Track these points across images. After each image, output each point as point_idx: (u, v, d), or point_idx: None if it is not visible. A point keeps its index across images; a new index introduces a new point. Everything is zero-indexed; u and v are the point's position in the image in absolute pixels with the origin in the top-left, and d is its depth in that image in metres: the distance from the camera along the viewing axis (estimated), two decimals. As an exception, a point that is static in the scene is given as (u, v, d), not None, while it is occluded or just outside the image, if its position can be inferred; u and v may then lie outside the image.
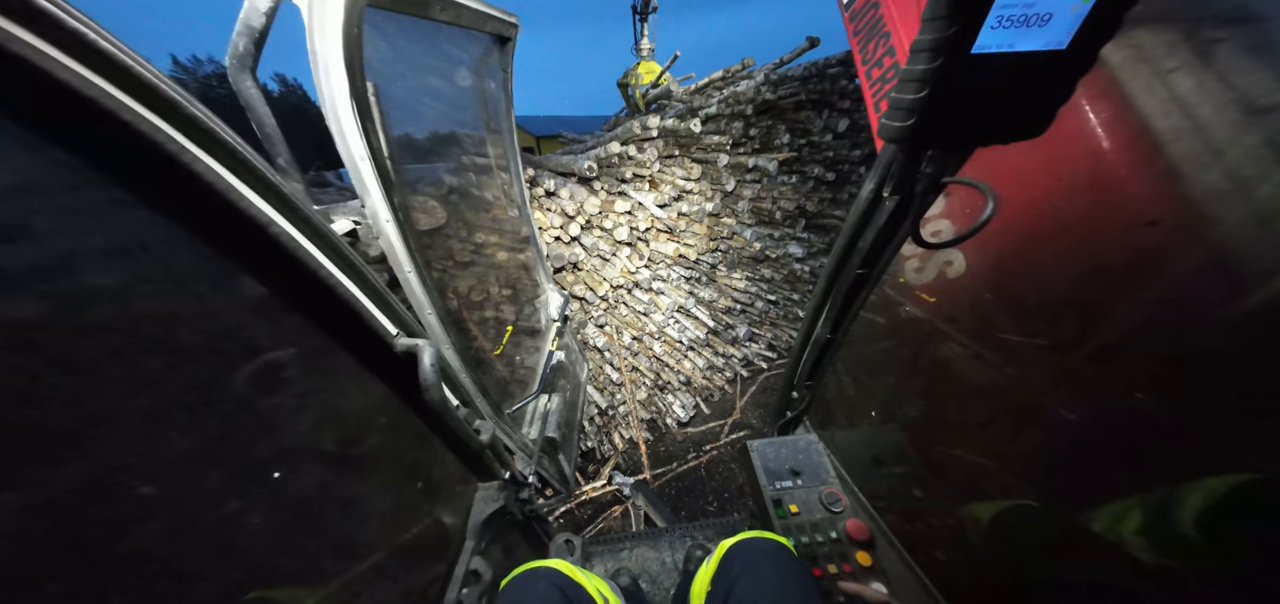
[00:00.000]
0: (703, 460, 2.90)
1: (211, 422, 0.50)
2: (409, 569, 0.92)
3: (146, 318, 0.45)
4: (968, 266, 0.77)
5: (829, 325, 0.97)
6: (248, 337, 0.54)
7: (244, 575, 0.53)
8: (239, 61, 0.56)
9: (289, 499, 0.61)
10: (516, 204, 1.67)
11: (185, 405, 0.47)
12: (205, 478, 0.50)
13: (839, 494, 1.06)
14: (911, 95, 0.42)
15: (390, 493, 0.88)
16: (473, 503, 1.18)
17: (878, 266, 0.83)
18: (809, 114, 3.49)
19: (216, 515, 0.51)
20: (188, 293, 0.48)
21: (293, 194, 0.54)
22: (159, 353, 0.45)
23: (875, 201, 0.68)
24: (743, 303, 3.54)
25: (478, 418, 1.11)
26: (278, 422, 0.59)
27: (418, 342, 0.73)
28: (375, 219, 0.76)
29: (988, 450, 0.80)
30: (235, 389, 0.52)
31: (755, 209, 3.43)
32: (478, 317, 1.35)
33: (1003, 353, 0.74)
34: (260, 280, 0.54)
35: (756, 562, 0.77)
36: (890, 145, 0.56)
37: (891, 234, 0.72)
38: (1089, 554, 0.61)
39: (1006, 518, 0.76)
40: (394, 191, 0.77)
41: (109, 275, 0.42)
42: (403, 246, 0.81)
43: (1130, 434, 0.57)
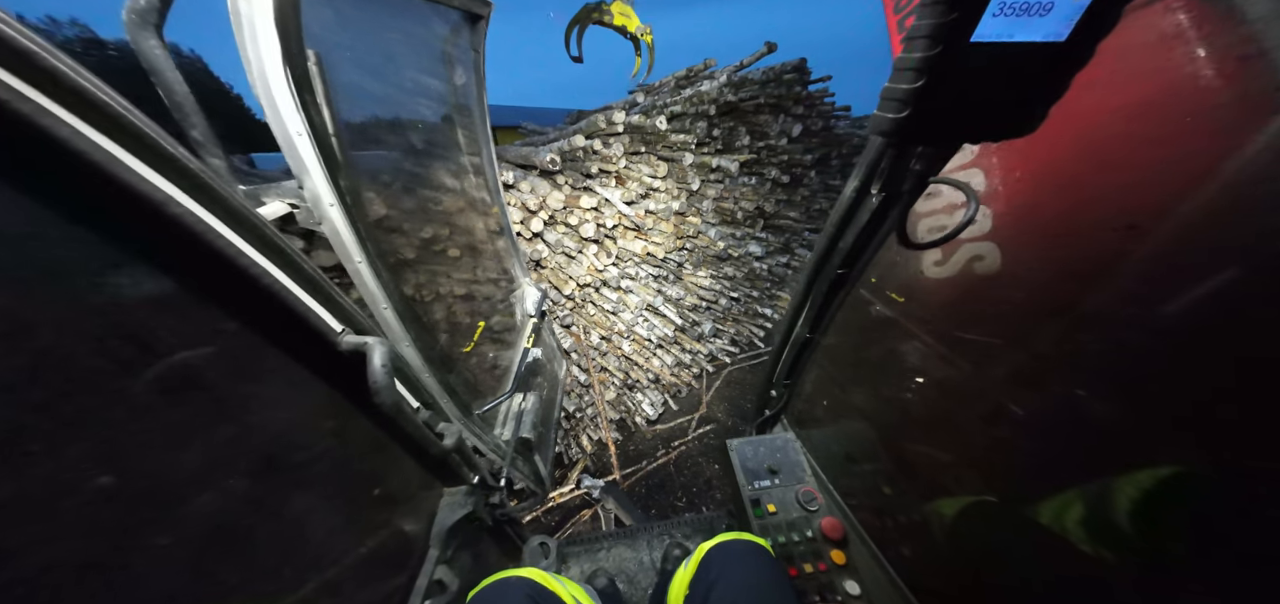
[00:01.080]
0: (672, 457, 2.93)
1: (92, 433, 0.43)
2: (364, 584, 0.85)
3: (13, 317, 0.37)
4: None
5: (808, 324, 0.97)
6: (147, 337, 0.46)
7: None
8: (140, 16, 0.48)
9: (204, 517, 0.54)
10: (489, 192, 1.59)
11: (51, 415, 0.40)
12: (83, 499, 0.42)
13: (815, 493, 1.06)
14: (906, 85, 0.40)
15: (339, 504, 0.81)
16: (437, 509, 1.11)
17: (858, 266, 0.82)
18: (767, 117, 3.63)
19: (100, 540, 0.44)
20: (56, 285, 0.40)
21: (202, 171, 0.46)
22: (14, 354, 0.37)
23: (858, 200, 0.67)
24: (707, 300, 3.61)
25: (442, 420, 1.04)
26: (190, 431, 0.51)
27: (366, 340, 0.66)
28: (316, 203, 0.68)
29: (951, 447, 0.82)
30: (129, 396, 0.45)
31: (718, 209, 3.52)
32: (445, 312, 1.28)
33: (963, 351, 0.75)
34: (163, 271, 0.47)
35: (734, 564, 0.77)
36: (878, 140, 0.54)
37: (873, 233, 0.71)
38: (1041, 548, 0.63)
39: (969, 513, 0.78)
40: (340, 173, 0.69)
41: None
42: (351, 234, 0.73)
43: (1072, 430, 0.58)
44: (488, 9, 1.31)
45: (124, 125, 0.39)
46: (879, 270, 0.87)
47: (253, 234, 0.50)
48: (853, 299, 0.92)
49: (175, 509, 0.50)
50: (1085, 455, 0.57)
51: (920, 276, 0.81)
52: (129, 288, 0.45)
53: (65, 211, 0.39)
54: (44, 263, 0.39)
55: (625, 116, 2.89)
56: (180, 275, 0.48)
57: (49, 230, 0.39)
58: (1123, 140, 0.54)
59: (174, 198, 0.42)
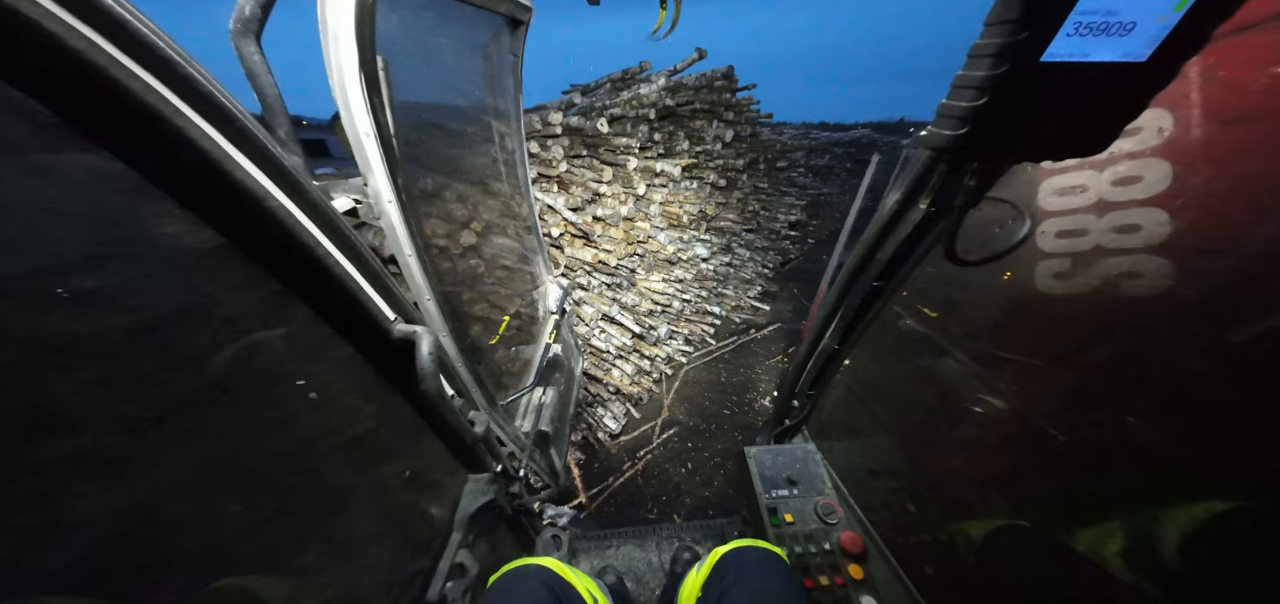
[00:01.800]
0: (639, 467, 2.86)
1: (188, 400, 0.47)
2: (392, 561, 0.89)
3: (123, 287, 0.42)
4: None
5: (837, 336, 0.96)
6: (234, 315, 0.51)
7: (214, 561, 0.50)
8: (244, 25, 0.53)
9: (268, 485, 0.58)
10: (521, 191, 1.64)
11: (160, 381, 0.44)
12: (177, 457, 0.47)
13: (834, 505, 1.06)
14: (966, 103, 0.40)
15: (376, 482, 0.85)
16: (461, 495, 1.15)
17: (895, 279, 0.82)
18: (702, 123, 3.65)
19: (189, 496, 0.48)
20: (171, 266, 0.45)
21: (293, 167, 0.51)
22: (135, 326, 0.42)
23: (901, 213, 0.66)
24: (661, 304, 3.58)
25: (472, 409, 1.08)
26: (260, 405, 0.56)
27: (416, 329, 0.70)
28: (377, 199, 0.73)
29: (982, 468, 0.81)
30: (215, 369, 0.49)
31: (665, 213, 3.50)
32: (476, 305, 1.33)
33: (1002, 370, 0.74)
34: (255, 258, 0.51)
35: (750, 570, 0.77)
36: (929, 154, 0.53)
37: (914, 246, 0.71)
38: (1077, 576, 0.61)
39: (1000, 537, 0.76)
40: (398, 172, 0.74)
41: (82, 244, 0.39)
42: (404, 229, 0.78)
43: (1119, 458, 0.57)
44: (529, 13, 1.35)
45: (231, 119, 0.43)
46: (912, 285, 0.86)
47: (329, 226, 0.55)
48: (886, 314, 0.92)
49: (247, 477, 0.55)
50: (1131, 485, 0.56)
51: (963, 290, 0.80)
52: (220, 270, 0.50)
53: (179, 196, 0.44)
54: (156, 241, 0.44)
55: (563, 118, 2.80)
56: (268, 262, 0.52)
57: (169, 217, 0.44)
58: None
59: (271, 191, 0.47)
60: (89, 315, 0.39)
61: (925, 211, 0.62)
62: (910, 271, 0.79)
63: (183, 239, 0.46)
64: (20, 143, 0.35)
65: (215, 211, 0.46)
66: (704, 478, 2.79)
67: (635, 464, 2.87)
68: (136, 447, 0.43)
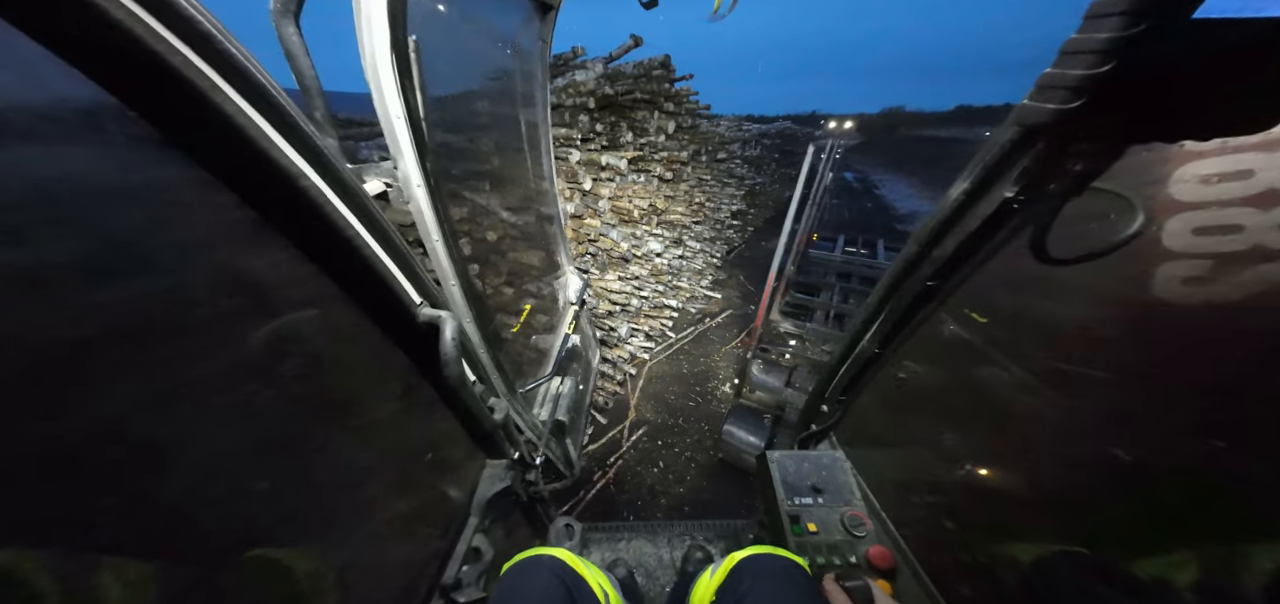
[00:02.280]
0: (610, 474, 2.78)
1: (224, 377, 0.48)
2: (410, 541, 0.91)
3: (163, 263, 0.43)
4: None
5: (878, 339, 0.90)
6: (269, 294, 0.52)
7: (241, 534, 0.52)
8: (283, 6, 0.53)
9: (296, 463, 0.59)
10: (546, 180, 1.63)
11: (201, 357, 0.45)
12: (214, 433, 0.48)
13: (863, 518, 1.01)
14: (1083, 70, 0.33)
15: (399, 463, 0.87)
16: (479, 480, 1.17)
17: (955, 279, 0.74)
18: (644, 113, 3.49)
19: (225, 471, 0.49)
20: (209, 243, 0.46)
21: (328, 150, 0.51)
22: (172, 300, 0.43)
23: (968, 204, 0.58)
24: (620, 303, 3.46)
25: (492, 395, 1.09)
26: (290, 382, 0.57)
27: (441, 313, 0.70)
28: (407, 183, 0.73)
29: (1034, 487, 0.74)
30: (251, 348, 0.50)
31: (615, 208, 3.34)
32: (498, 293, 1.33)
33: (1060, 383, 0.67)
34: (290, 239, 0.52)
35: (768, 581, 0.74)
36: (1015, 132, 0.44)
37: (985, 241, 0.62)
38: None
39: (1051, 563, 0.70)
40: (427, 156, 0.73)
41: (128, 217, 0.40)
42: (432, 214, 0.78)
43: (1199, 482, 0.50)
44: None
45: (270, 100, 0.43)
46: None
47: (361, 209, 0.55)
48: (930, 318, 0.85)
49: (276, 455, 0.56)
50: (1215, 515, 0.50)
51: (1025, 297, 0.71)
52: (257, 249, 0.50)
53: (220, 174, 0.45)
54: (197, 217, 0.45)
55: (496, 107, 2.78)
56: (302, 243, 0.52)
57: (212, 195, 0.44)
58: None
59: (306, 172, 0.46)
60: (127, 294, 0.40)
61: (1010, 200, 0.53)
62: (975, 270, 0.71)
63: (222, 217, 0.47)
64: (69, 120, 0.35)
65: (253, 190, 0.47)
66: (677, 475, 2.72)
67: (606, 472, 2.80)
68: (176, 422, 0.44)
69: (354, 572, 0.71)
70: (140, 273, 0.41)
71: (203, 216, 0.45)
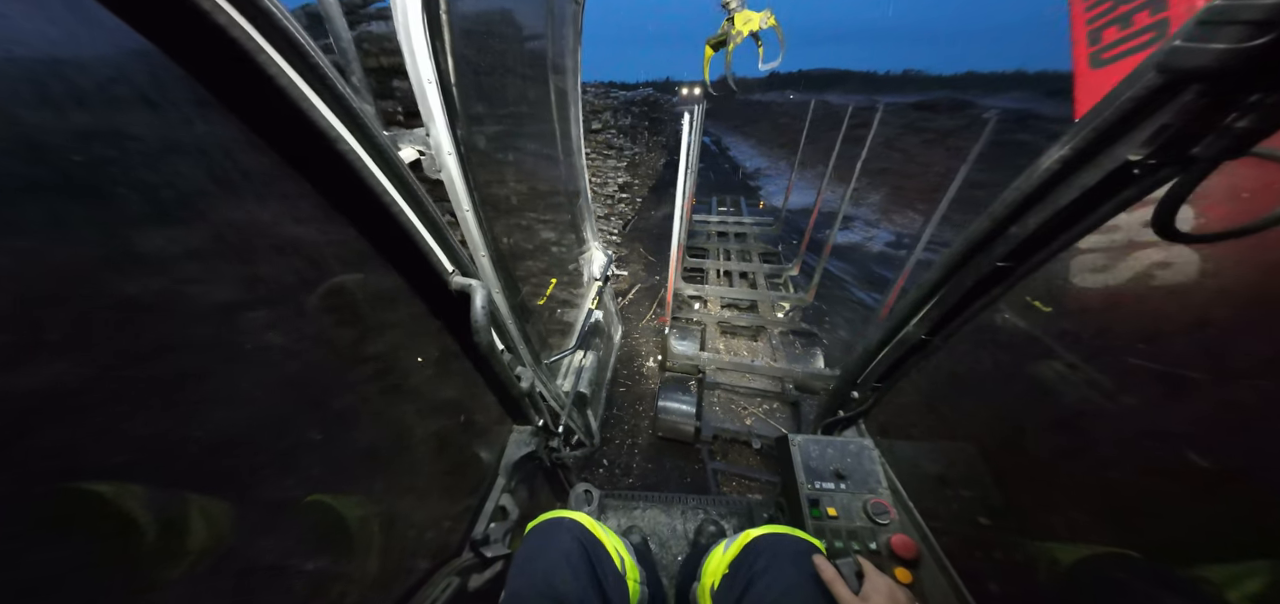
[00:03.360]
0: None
1: (284, 336, 0.51)
2: (445, 497, 0.98)
3: (225, 222, 0.45)
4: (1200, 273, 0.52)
5: (927, 325, 0.83)
6: (318, 256, 0.54)
7: (303, 480, 0.57)
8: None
9: (343, 416, 0.64)
10: (574, 151, 1.61)
11: (264, 310, 0.48)
12: (275, 385, 0.52)
13: (887, 506, 0.98)
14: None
15: (434, 423, 0.92)
16: (506, 444, 1.23)
17: (1034, 260, 0.63)
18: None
19: (289, 423, 0.54)
20: (265, 204, 0.48)
21: (364, 115, 0.52)
22: (235, 261, 0.46)
23: (1068, 173, 0.49)
24: None
25: (519, 364, 1.12)
26: (339, 343, 0.60)
27: (472, 282, 0.71)
28: (438, 151, 0.73)
29: (1087, 489, 0.69)
30: (307, 309, 0.53)
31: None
32: (526, 264, 1.35)
33: (1124, 379, 0.60)
34: (328, 199, 0.53)
35: (785, 561, 0.73)
36: (1166, 79, 0.36)
37: (1084, 215, 0.52)
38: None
39: (1095, 565, 0.66)
40: (458, 123, 0.73)
41: (186, 177, 0.42)
42: (463, 182, 0.78)
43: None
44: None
45: (308, 62, 0.43)
46: (1073, 269, 0.66)
47: (398, 178, 0.55)
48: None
49: (324, 404, 0.60)
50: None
51: (1152, 281, 0.62)
52: (305, 215, 0.52)
53: (265, 135, 0.46)
54: (253, 178, 0.47)
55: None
56: (344, 207, 0.54)
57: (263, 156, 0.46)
58: None
59: (344, 135, 0.47)
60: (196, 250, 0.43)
61: (1131, 165, 0.43)
62: (1063, 248, 0.60)
63: (273, 179, 0.49)
64: (135, 79, 0.37)
65: (296, 151, 0.48)
66: (623, 467, 2.69)
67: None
68: (245, 374, 0.48)
69: (397, 521, 0.77)
70: (199, 226, 0.43)
71: (256, 181, 0.47)
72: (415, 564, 0.83)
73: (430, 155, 0.74)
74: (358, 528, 0.67)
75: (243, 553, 0.47)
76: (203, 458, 0.44)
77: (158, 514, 0.40)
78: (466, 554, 0.98)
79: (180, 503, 0.42)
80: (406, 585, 0.79)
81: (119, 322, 0.37)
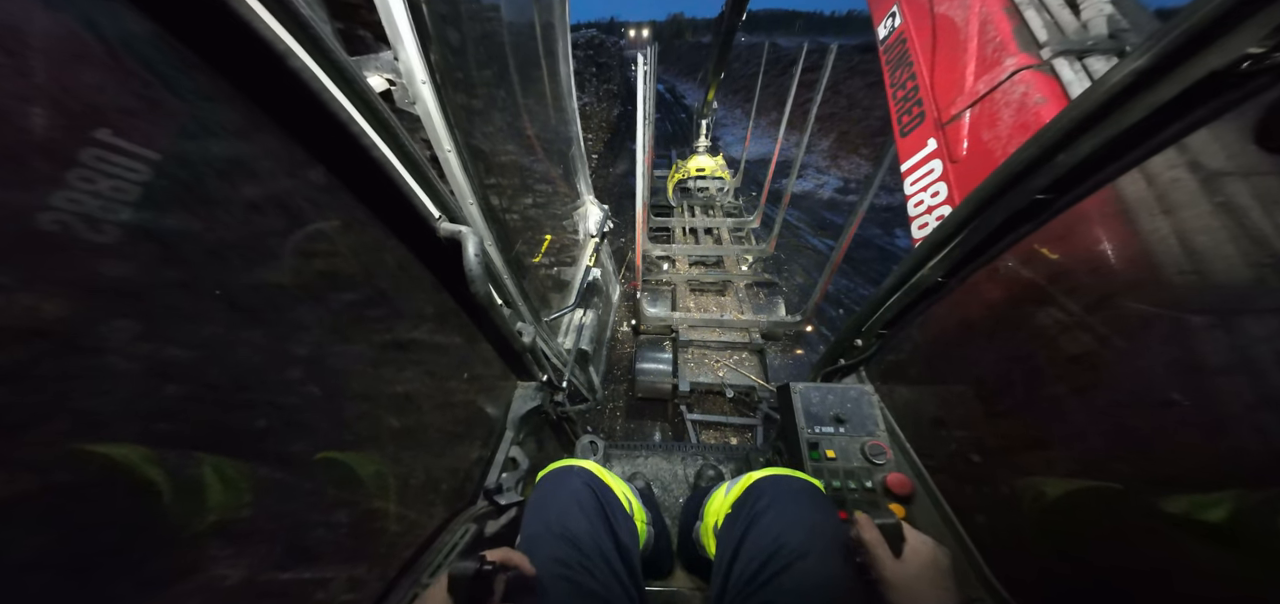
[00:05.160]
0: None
1: (264, 288, 0.48)
2: (458, 450, 1.00)
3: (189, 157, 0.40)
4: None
5: (945, 267, 0.79)
6: (292, 202, 0.49)
7: (310, 438, 0.56)
8: None
9: (339, 372, 0.62)
10: (564, 94, 1.48)
11: (248, 262, 0.44)
12: (271, 344, 0.49)
13: (884, 448, 1.01)
14: None
15: (440, 379, 0.91)
16: (512, 399, 1.24)
17: (1080, 190, 0.57)
18: None
19: (285, 382, 0.52)
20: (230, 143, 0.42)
21: (321, 32, 0.44)
22: (204, 205, 0.41)
23: (1144, 82, 0.43)
24: None
25: (520, 320, 1.10)
26: (326, 296, 0.57)
27: (462, 229, 0.67)
28: (410, 78, 0.65)
29: (1078, 428, 0.70)
30: (285, 257, 0.49)
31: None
32: (518, 219, 1.29)
33: (1120, 324, 0.59)
34: (299, 139, 0.47)
35: (787, 499, 0.76)
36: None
37: (1158, 130, 0.45)
38: (1159, 544, 0.56)
39: (1078, 498, 0.69)
40: (432, 47, 0.64)
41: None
42: (442, 118, 0.71)
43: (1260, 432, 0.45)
44: None
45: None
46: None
47: (363, 103, 0.49)
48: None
49: (320, 361, 0.58)
50: (1259, 459, 0.45)
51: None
52: (276, 154, 0.47)
53: (213, 59, 0.39)
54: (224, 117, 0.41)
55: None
56: (312, 144, 0.48)
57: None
58: None
59: (295, 50, 0.40)
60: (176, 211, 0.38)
61: (1246, 60, 0.35)
62: (1111, 180, 0.54)
63: (222, 113, 0.43)
64: None
65: (247, 77, 0.42)
66: (607, 430, 2.83)
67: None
68: (241, 335, 0.45)
69: (413, 474, 0.78)
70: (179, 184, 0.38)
71: (190, 99, 0.41)
72: (433, 513, 0.86)
73: (401, 85, 0.66)
74: (374, 483, 0.68)
75: (263, 510, 0.47)
76: (212, 420, 0.42)
77: (172, 475, 0.39)
78: (481, 502, 1.02)
79: (195, 463, 0.41)
80: (428, 531, 0.82)
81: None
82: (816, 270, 4.17)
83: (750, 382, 2.55)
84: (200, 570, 0.42)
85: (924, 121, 1.30)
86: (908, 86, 1.39)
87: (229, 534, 0.44)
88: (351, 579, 0.61)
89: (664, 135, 8.47)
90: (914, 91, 1.35)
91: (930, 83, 1.29)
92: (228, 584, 0.44)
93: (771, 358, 2.65)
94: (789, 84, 3.45)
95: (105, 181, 0.34)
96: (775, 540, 0.68)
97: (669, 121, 10.01)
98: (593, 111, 6.51)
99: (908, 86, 1.39)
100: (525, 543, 0.70)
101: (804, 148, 3.20)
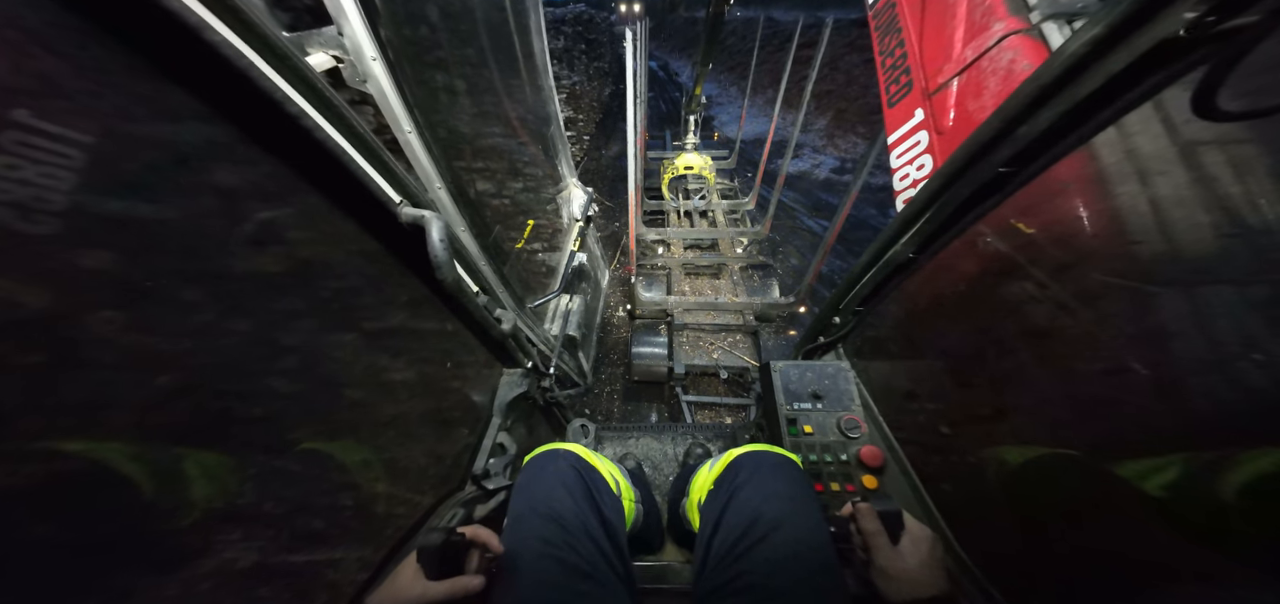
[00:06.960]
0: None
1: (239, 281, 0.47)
2: (444, 437, 1.00)
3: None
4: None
5: (916, 243, 0.80)
6: (232, 189, 0.47)
7: (292, 428, 0.55)
8: None
9: (317, 361, 0.61)
10: (539, 71, 1.43)
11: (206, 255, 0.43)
12: (240, 337, 0.48)
13: (859, 421, 1.04)
14: None
15: (420, 367, 0.91)
16: (498, 386, 1.25)
17: (1043, 160, 0.58)
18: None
19: (259, 373, 0.51)
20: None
21: (242, 5, 0.41)
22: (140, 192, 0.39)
23: (1101, 53, 0.43)
24: None
25: (499, 307, 1.10)
26: (288, 289, 0.55)
27: (424, 213, 0.65)
28: (358, 55, 0.61)
29: (1038, 398, 0.73)
30: (237, 246, 0.48)
31: None
32: (496, 204, 1.26)
33: (1084, 295, 0.61)
34: (232, 121, 0.45)
35: (764, 472, 0.79)
36: None
37: (1104, 104, 0.46)
38: (1113, 507, 0.58)
39: (1039, 464, 0.72)
40: (381, 23, 0.60)
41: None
42: (398, 97, 0.67)
43: (1212, 398, 0.47)
44: None
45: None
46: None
47: (302, 82, 0.46)
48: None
49: (284, 356, 0.58)
50: (1211, 425, 0.47)
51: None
52: (203, 144, 0.45)
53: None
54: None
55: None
56: (244, 125, 0.46)
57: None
58: None
59: (211, 23, 0.38)
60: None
61: (1190, 25, 0.36)
62: (1069, 151, 0.54)
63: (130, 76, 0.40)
64: None
65: (159, 52, 0.39)
66: (605, 413, 2.86)
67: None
68: (211, 329, 0.43)
69: (399, 462, 0.79)
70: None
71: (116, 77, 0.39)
72: (421, 499, 0.87)
73: (350, 62, 0.63)
74: (359, 471, 0.68)
75: (248, 501, 0.47)
76: (193, 414, 0.41)
77: (152, 470, 0.39)
78: (469, 487, 1.03)
79: (176, 458, 0.41)
80: (415, 517, 0.84)
81: None
82: (811, 252, 4.16)
83: (743, 363, 2.59)
84: (186, 563, 0.42)
85: (912, 91, 1.26)
86: (896, 54, 1.33)
87: (208, 525, 0.44)
88: (333, 561, 0.62)
89: (658, 114, 8.22)
90: (902, 58, 1.29)
91: (919, 50, 1.24)
92: (204, 571, 0.44)
93: (765, 339, 2.67)
94: (785, 60, 3.36)
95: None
96: (753, 513, 0.71)
97: (663, 101, 9.71)
98: (583, 91, 6.22)
99: (896, 54, 1.33)
100: (511, 524, 0.71)
101: (799, 126, 3.13)
